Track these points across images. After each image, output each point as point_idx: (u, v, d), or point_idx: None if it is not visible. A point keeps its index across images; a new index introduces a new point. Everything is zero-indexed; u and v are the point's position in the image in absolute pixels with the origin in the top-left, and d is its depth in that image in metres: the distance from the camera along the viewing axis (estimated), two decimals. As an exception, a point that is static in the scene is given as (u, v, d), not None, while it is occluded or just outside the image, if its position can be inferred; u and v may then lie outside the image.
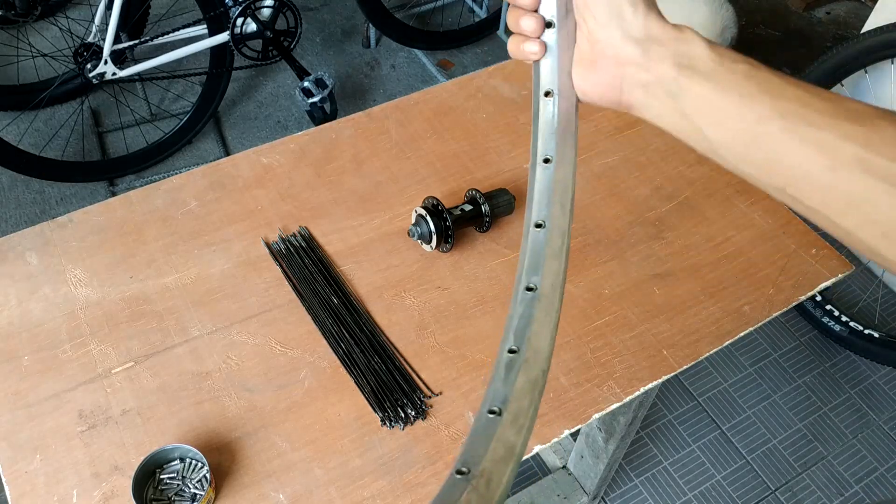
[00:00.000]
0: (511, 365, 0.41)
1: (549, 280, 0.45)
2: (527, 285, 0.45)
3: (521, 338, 0.42)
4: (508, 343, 0.42)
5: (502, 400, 0.39)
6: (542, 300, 0.44)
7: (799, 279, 1.02)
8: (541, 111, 0.51)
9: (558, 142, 0.50)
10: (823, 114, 0.43)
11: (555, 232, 0.47)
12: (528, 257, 0.46)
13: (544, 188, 0.49)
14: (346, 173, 1.11)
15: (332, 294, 0.96)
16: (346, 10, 2.78)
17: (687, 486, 1.74)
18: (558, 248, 0.46)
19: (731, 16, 2.39)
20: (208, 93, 2.20)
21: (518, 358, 0.41)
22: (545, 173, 0.49)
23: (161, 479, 0.80)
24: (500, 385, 0.40)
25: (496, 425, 0.39)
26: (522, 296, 0.44)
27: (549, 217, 0.48)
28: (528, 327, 0.43)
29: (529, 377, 0.40)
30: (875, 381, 1.93)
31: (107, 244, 1.01)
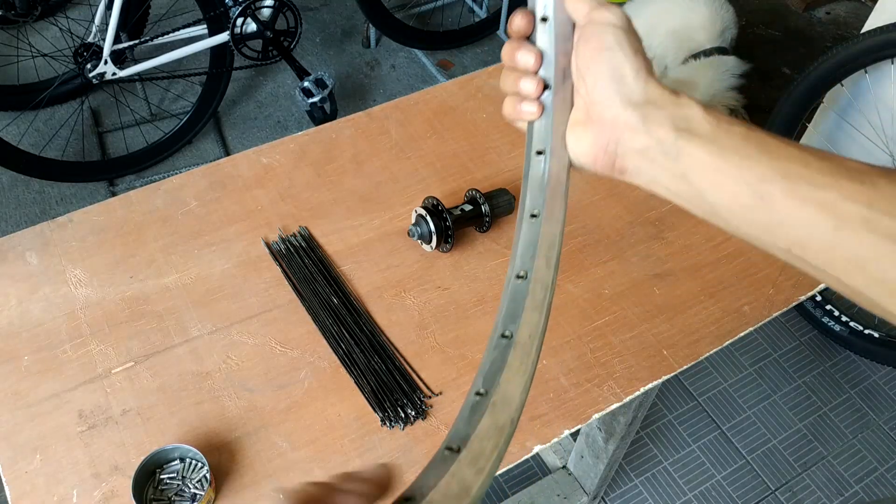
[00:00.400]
0: (476, 407, 0.40)
1: (527, 331, 0.44)
2: (502, 332, 0.44)
3: (491, 382, 0.41)
4: (476, 386, 0.42)
5: (462, 438, 0.39)
6: (517, 348, 0.43)
7: (799, 279, 1.02)
8: (531, 168, 0.51)
9: (547, 199, 0.50)
10: (824, 173, 0.43)
11: (537, 284, 0.47)
12: (506, 306, 0.46)
13: (529, 242, 0.48)
14: (346, 173, 1.11)
15: (332, 294, 0.96)
16: (346, 10, 2.78)
17: (687, 486, 1.74)
18: (540, 300, 0.46)
19: (731, 16, 2.39)
20: (208, 93, 2.20)
21: (485, 401, 0.40)
22: (531, 228, 0.49)
23: (161, 479, 0.80)
24: (462, 425, 0.39)
25: (452, 462, 0.38)
26: (497, 342, 0.44)
27: (533, 269, 0.47)
28: (500, 373, 0.42)
29: (496, 422, 0.40)
30: (875, 381, 1.93)
31: (107, 244, 1.01)
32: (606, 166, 0.50)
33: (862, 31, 1.74)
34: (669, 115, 0.47)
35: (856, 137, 1.92)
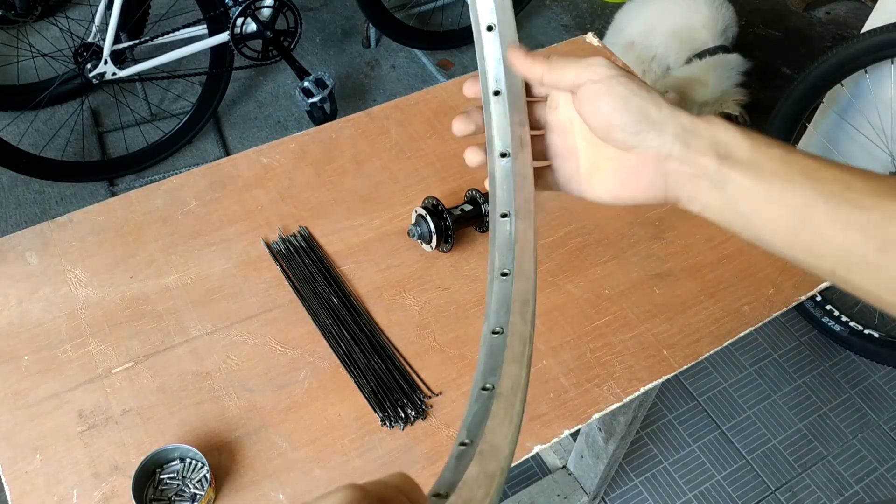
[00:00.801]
0: (462, 456, 0.40)
1: (509, 382, 0.44)
2: (483, 385, 0.44)
3: (475, 432, 0.41)
4: (461, 437, 0.41)
5: (449, 485, 0.38)
6: (500, 399, 0.43)
7: (799, 279, 1.02)
8: (497, 230, 0.52)
9: (516, 257, 0.50)
10: (866, 194, 0.43)
11: (515, 338, 0.47)
12: (484, 361, 0.46)
13: (502, 300, 0.49)
14: (346, 173, 1.11)
15: (332, 294, 0.96)
16: (346, 10, 2.78)
17: (687, 486, 1.74)
18: (519, 353, 0.46)
19: (731, 15, 2.39)
20: (208, 93, 2.20)
21: (470, 450, 0.40)
22: (503, 286, 0.49)
23: (161, 479, 0.80)
24: (448, 474, 0.39)
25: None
26: (478, 395, 0.44)
27: (509, 324, 0.48)
28: (484, 423, 0.41)
29: (486, 470, 0.39)
30: (875, 381, 1.93)
31: (107, 244, 1.01)
32: (659, 198, 0.51)
33: (862, 31, 1.74)
34: (709, 142, 0.47)
35: (856, 137, 1.92)
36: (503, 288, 0.49)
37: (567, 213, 1.08)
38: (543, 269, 1.01)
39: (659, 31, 2.35)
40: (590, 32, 1.35)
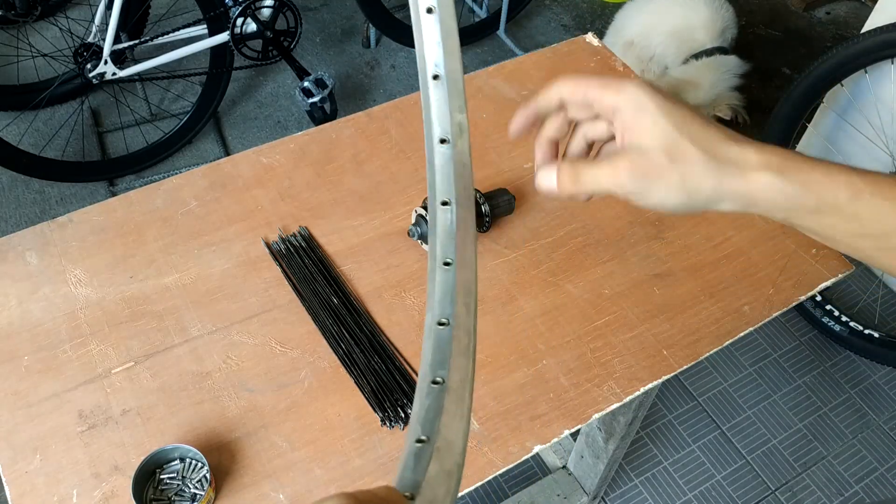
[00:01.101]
0: (420, 454, 0.40)
1: (458, 375, 0.44)
2: (433, 379, 0.44)
3: (430, 428, 0.41)
4: (416, 433, 0.41)
5: (413, 486, 0.38)
6: (451, 393, 0.43)
7: (799, 279, 1.02)
8: (438, 218, 0.51)
9: (458, 246, 0.50)
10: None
11: (460, 330, 0.47)
12: (431, 353, 0.46)
13: (447, 290, 0.49)
14: (346, 173, 1.11)
15: (332, 294, 0.96)
16: (346, 10, 2.78)
17: (687, 486, 1.74)
18: (465, 345, 0.46)
19: (731, 16, 2.39)
20: (208, 93, 2.20)
21: (428, 447, 0.40)
22: (446, 276, 0.49)
23: (161, 479, 0.80)
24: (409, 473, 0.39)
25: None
26: (429, 389, 0.43)
27: (454, 316, 0.47)
28: (438, 418, 0.41)
29: (444, 468, 0.39)
30: (875, 381, 1.93)
31: (107, 244, 1.01)
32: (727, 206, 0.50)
33: (862, 31, 1.74)
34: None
35: (856, 137, 1.92)
36: (446, 277, 0.49)
37: (567, 213, 1.08)
38: (543, 269, 1.01)
39: (658, 31, 2.35)
40: (590, 32, 1.35)
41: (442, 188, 0.52)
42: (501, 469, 0.83)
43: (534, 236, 1.05)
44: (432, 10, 0.52)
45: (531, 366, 0.92)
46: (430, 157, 0.52)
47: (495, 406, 0.88)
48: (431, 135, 0.52)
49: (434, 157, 0.52)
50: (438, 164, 0.52)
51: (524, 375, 0.91)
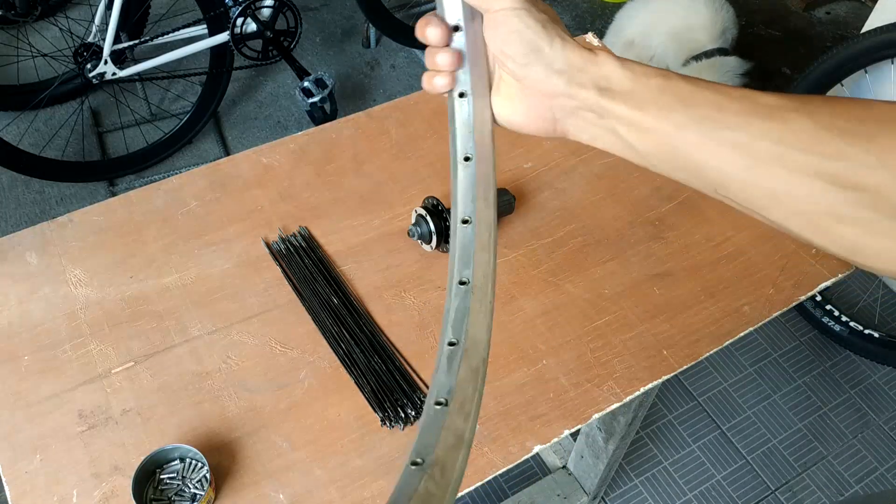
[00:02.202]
0: (452, 356, 0.43)
1: (481, 272, 0.46)
2: (460, 280, 0.46)
3: (459, 329, 0.44)
4: (447, 336, 0.44)
5: (448, 391, 0.41)
6: (475, 292, 0.45)
7: (799, 279, 1.02)
8: (457, 112, 0.52)
9: (476, 140, 0.51)
10: (737, 114, 0.45)
11: (482, 226, 0.48)
12: (458, 253, 0.47)
13: (468, 186, 0.50)
14: (346, 173, 1.11)
15: (332, 294, 0.96)
16: (346, 10, 2.78)
17: (687, 486, 1.74)
18: (486, 241, 0.48)
19: (731, 17, 2.39)
20: (208, 93, 2.20)
21: (458, 349, 0.43)
22: (466, 171, 0.51)
23: (161, 479, 0.80)
24: (443, 377, 0.42)
25: (444, 415, 0.40)
26: (456, 290, 0.46)
27: (475, 212, 0.49)
28: (465, 319, 0.44)
29: (471, 366, 0.42)
30: (875, 381, 1.93)
31: (107, 244, 1.01)
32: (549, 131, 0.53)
33: (862, 31, 1.74)
34: (591, 77, 0.49)
35: (856, 137, 1.92)
36: (467, 173, 0.50)
37: (567, 213, 1.08)
38: (543, 269, 1.01)
39: (658, 31, 2.35)
40: (590, 32, 1.35)
41: (461, 79, 0.52)
42: (501, 469, 0.83)
43: (534, 236, 1.05)
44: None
45: (531, 366, 0.92)
46: (447, 42, 0.52)
47: (495, 406, 0.88)
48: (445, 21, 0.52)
49: (451, 42, 0.52)
50: (457, 47, 0.52)
51: (524, 375, 0.91)
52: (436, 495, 0.37)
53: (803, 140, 0.43)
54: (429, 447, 0.39)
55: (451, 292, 0.45)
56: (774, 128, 0.43)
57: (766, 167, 0.44)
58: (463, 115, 0.52)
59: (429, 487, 0.37)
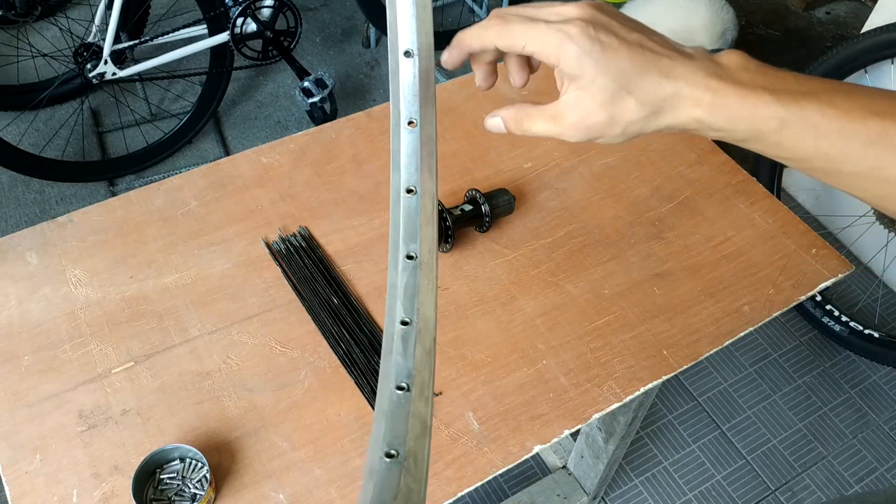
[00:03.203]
0: (407, 337, 0.41)
1: (426, 246, 0.44)
2: (407, 254, 0.44)
3: (411, 308, 0.42)
4: (398, 314, 0.42)
5: (407, 374, 0.39)
6: (423, 267, 0.43)
7: (799, 279, 1.02)
8: (401, 72, 0.49)
9: (421, 104, 0.48)
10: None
11: (426, 197, 0.46)
12: (402, 225, 0.45)
13: (412, 152, 0.47)
14: (346, 173, 1.11)
15: (332, 294, 0.96)
16: (346, 10, 2.78)
17: (687, 486, 1.74)
18: (430, 213, 0.45)
19: (731, 18, 2.39)
20: (208, 93, 2.20)
21: (412, 329, 0.41)
22: (411, 136, 0.47)
23: (161, 479, 0.80)
24: (400, 359, 0.40)
25: (408, 402, 0.39)
26: (403, 265, 0.43)
27: (419, 182, 0.46)
28: (415, 297, 0.42)
29: (425, 347, 0.40)
30: (875, 381, 1.93)
31: (107, 244, 1.01)
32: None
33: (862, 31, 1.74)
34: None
35: (856, 137, 1.92)
36: (411, 138, 0.47)
37: (567, 213, 1.08)
38: (543, 269, 1.01)
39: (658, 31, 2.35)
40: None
41: (405, 36, 0.49)
42: (501, 469, 0.83)
43: (534, 236, 1.05)
44: None
45: (531, 366, 0.92)
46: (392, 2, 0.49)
47: (495, 406, 0.88)
48: None
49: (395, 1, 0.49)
50: (401, 6, 0.49)
51: (524, 375, 0.91)
52: (414, 490, 0.35)
53: None
54: (399, 437, 0.37)
55: (396, 266, 0.43)
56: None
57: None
58: (407, 76, 0.48)
59: (408, 483, 0.36)
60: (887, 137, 0.45)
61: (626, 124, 0.49)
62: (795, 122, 0.46)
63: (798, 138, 0.47)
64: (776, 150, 0.48)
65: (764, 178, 1.94)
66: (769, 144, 0.48)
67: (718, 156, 1.17)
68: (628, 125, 0.49)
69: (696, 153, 1.17)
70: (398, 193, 0.45)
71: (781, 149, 0.48)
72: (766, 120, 0.47)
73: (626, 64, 0.48)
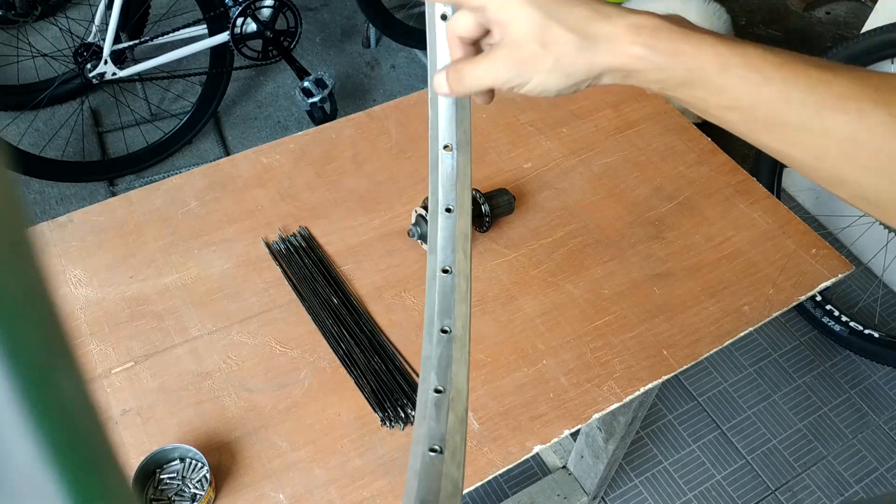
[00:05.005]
0: (440, 404, 0.43)
1: (460, 322, 0.47)
2: (441, 328, 0.47)
3: (444, 377, 0.44)
4: (432, 383, 0.44)
5: (440, 438, 0.42)
6: (456, 341, 0.46)
7: (799, 279, 1.02)
8: (440, 164, 0.53)
9: (458, 193, 0.52)
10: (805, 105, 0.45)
11: (461, 277, 0.49)
12: (438, 301, 0.48)
13: (448, 236, 0.51)
14: (346, 173, 1.11)
15: (332, 294, 0.96)
16: (346, 10, 2.78)
17: (687, 486, 1.74)
18: (464, 292, 0.49)
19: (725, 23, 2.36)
20: (208, 93, 2.20)
21: (445, 397, 0.44)
22: (448, 222, 0.51)
23: (161, 479, 0.80)
24: (434, 424, 0.43)
25: (441, 463, 0.41)
26: (438, 338, 0.46)
27: (455, 263, 0.50)
28: (449, 367, 0.45)
29: (457, 415, 0.43)
30: (875, 381, 1.93)
31: (107, 244, 1.01)
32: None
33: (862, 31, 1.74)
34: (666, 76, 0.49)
35: (856, 137, 1.92)
36: (448, 224, 0.51)
37: (567, 213, 1.08)
38: (543, 269, 1.01)
39: None
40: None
41: (445, 132, 0.53)
42: (501, 469, 0.83)
43: (534, 236, 1.05)
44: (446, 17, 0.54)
45: (531, 366, 0.92)
46: (434, 97, 0.53)
47: (495, 406, 0.88)
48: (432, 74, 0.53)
49: (437, 97, 0.53)
50: (441, 107, 0.54)
51: (524, 375, 0.91)
52: None
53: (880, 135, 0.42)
54: (432, 495, 0.39)
55: (431, 339, 0.46)
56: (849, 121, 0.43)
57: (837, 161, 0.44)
58: (446, 167, 0.53)
59: None
60: (829, 87, 0.44)
61: (557, 55, 0.47)
62: (739, 65, 0.45)
63: (742, 82, 0.45)
64: (718, 96, 0.46)
65: (764, 179, 1.94)
66: (711, 89, 0.46)
67: (718, 156, 1.17)
68: (560, 56, 0.47)
69: (696, 153, 1.17)
70: (434, 272, 0.49)
71: (724, 95, 0.46)
72: (708, 58, 0.45)
73: (562, 6, 0.48)
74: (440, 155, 0.53)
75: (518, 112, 1.21)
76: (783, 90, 0.44)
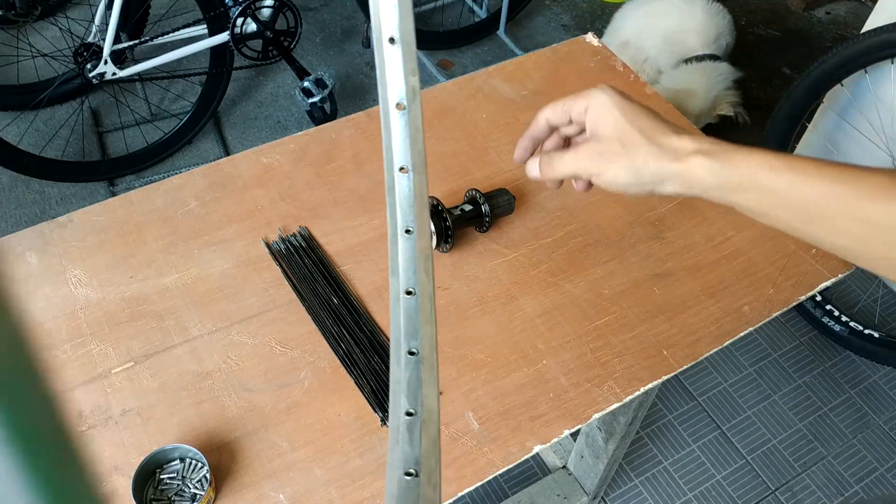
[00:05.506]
0: (412, 426, 0.43)
1: (427, 343, 0.48)
2: (409, 350, 0.47)
3: (415, 400, 0.45)
4: (403, 406, 0.45)
5: (415, 461, 0.42)
6: (424, 363, 0.47)
7: (799, 279, 1.02)
8: (397, 186, 0.54)
9: (416, 213, 0.52)
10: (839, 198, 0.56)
11: (424, 298, 0.50)
12: (403, 324, 0.49)
13: (410, 258, 0.51)
14: (346, 173, 1.11)
15: (332, 294, 0.96)
16: (346, 10, 2.78)
17: (687, 486, 1.74)
18: (429, 313, 0.49)
19: (727, 24, 2.37)
20: (208, 93, 2.20)
21: (416, 419, 0.44)
22: (408, 244, 0.52)
23: (161, 479, 0.80)
24: (407, 447, 0.43)
25: (418, 486, 0.41)
26: (406, 360, 0.47)
27: (417, 284, 0.50)
28: (419, 389, 0.45)
29: (430, 437, 0.43)
30: (875, 381, 1.93)
31: (107, 244, 1.01)
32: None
33: (862, 31, 1.74)
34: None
35: (856, 137, 1.92)
36: (408, 245, 0.51)
37: (567, 213, 1.08)
38: (543, 269, 1.01)
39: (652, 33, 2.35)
40: (590, 32, 1.35)
41: (399, 154, 0.54)
42: (501, 469, 0.83)
43: (534, 236, 1.05)
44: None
45: (531, 366, 0.92)
46: (387, 122, 0.54)
47: (495, 406, 0.88)
48: (387, 99, 0.53)
49: (390, 122, 0.54)
50: (395, 130, 0.54)
51: (524, 375, 0.91)
52: None
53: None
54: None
55: (399, 361, 0.47)
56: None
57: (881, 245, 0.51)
58: (403, 189, 0.53)
59: None
60: (868, 180, 0.51)
61: (632, 155, 0.59)
62: (785, 168, 0.53)
63: (790, 182, 0.53)
64: (771, 197, 0.54)
65: (764, 178, 1.93)
66: (763, 191, 0.54)
67: (718, 156, 1.17)
68: (634, 156, 0.58)
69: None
70: (398, 294, 0.49)
71: (775, 196, 0.54)
72: (758, 164, 0.54)
73: (641, 110, 0.60)
74: (396, 177, 0.53)
75: (518, 112, 1.21)
76: (829, 186, 0.52)
